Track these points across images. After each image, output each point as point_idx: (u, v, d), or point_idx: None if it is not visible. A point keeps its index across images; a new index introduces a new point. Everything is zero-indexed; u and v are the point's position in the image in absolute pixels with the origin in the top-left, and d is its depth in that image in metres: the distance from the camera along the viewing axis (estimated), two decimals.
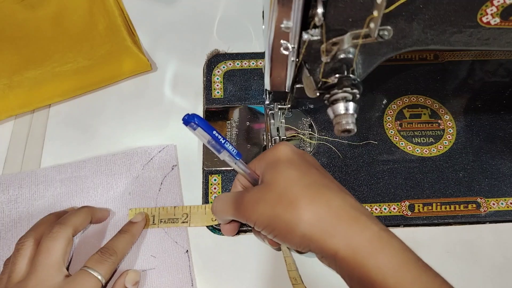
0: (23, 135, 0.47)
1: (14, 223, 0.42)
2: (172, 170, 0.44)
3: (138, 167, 0.44)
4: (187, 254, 0.41)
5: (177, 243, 0.41)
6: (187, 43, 0.52)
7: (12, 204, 0.42)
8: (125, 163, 0.44)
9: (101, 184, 0.43)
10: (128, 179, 0.44)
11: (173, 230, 0.41)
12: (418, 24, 0.30)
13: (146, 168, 0.44)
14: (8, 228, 0.41)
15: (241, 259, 0.41)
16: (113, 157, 0.45)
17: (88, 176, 0.44)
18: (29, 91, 0.47)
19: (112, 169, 0.44)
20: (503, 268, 0.41)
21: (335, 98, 0.31)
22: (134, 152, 0.45)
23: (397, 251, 0.29)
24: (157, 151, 0.45)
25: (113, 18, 0.51)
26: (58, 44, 0.50)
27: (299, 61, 0.32)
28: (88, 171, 0.44)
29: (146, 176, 0.44)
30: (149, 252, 0.40)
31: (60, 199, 0.43)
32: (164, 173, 0.44)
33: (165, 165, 0.44)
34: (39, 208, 0.42)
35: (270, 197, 0.31)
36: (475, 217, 0.42)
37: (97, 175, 0.44)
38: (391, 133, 0.46)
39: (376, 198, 0.43)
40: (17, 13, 0.52)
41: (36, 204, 0.42)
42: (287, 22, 0.28)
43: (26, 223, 0.41)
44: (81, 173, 0.44)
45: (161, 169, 0.44)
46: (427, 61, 0.51)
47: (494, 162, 0.45)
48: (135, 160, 0.44)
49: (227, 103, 0.48)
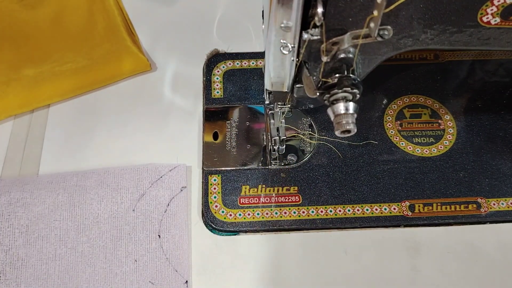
0: (22, 135, 0.47)
1: (12, 229, 0.40)
2: (181, 191, 0.42)
3: (146, 184, 0.42)
4: (186, 285, 0.39)
5: (177, 271, 0.40)
6: (187, 43, 0.52)
7: (12, 207, 0.41)
8: (133, 178, 0.43)
9: (106, 197, 0.42)
10: (134, 195, 0.42)
11: (175, 257, 0.40)
12: (418, 24, 0.30)
13: (154, 186, 0.42)
14: (5, 233, 0.40)
15: (240, 259, 0.41)
16: (122, 171, 0.43)
17: (93, 187, 0.42)
18: (29, 91, 0.47)
19: (120, 183, 0.42)
20: (504, 268, 0.41)
21: (335, 98, 0.31)
22: (144, 168, 0.43)
23: None
24: (167, 170, 0.43)
25: (113, 17, 0.51)
26: (57, 44, 0.50)
27: (299, 61, 0.32)
28: (94, 182, 0.42)
29: (153, 195, 0.42)
30: (147, 278, 0.39)
31: (60, 208, 0.41)
32: (172, 194, 0.42)
33: (174, 186, 0.43)
34: (38, 215, 0.41)
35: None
36: (475, 217, 0.42)
37: (103, 187, 0.42)
38: (391, 133, 0.46)
39: (376, 198, 0.43)
40: (17, 12, 0.52)
41: (35, 210, 0.41)
42: (287, 21, 0.28)
43: (24, 229, 0.40)
44: (87, 183, 0.42)
45: (169, 189, 0.42)
46: (427, 61, 0.51)
47: (495, 162, 0.45)
48: (144, 176, 0.43)
49: (227, 103, 0.48)
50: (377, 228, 0.42)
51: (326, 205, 0.43)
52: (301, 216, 0.42)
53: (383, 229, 0.42)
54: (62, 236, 0.41)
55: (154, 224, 0.41)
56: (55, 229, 0.41)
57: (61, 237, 0.41)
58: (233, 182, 0.44)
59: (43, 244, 0.40)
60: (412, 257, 0.41)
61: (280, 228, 0.42)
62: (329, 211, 0.42)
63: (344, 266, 0.41)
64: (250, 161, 0.45)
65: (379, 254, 0.41)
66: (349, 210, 0.42)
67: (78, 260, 0.40)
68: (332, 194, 0.43)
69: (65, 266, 0.40)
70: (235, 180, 0.44)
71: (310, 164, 0.45)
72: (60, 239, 0.41)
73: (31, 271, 0.40)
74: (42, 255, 0.40)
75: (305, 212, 0.42)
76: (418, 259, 0.41)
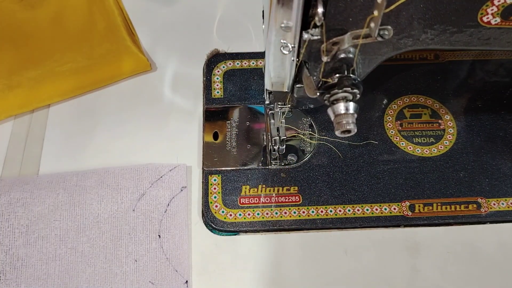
0: (22, 135, 0.47)
1: (12, 229, 0.40)
2: (181, 191, 0.42)
3: (146, 184, 0.42)
4: (186, 285, 0.39)
5: (177, 271, 0.39)
6: (187, 43, 0.52)
7: (12, 207, 0.41)
8: (133, 178, 0.43)
9: (106, 197, 0.42)
10: (134, 195, 0.42)
11: (175, 257, 0.40)
12: (418, 24, 0.30)
13: (154, 186, 0.42)
14: (5, 233, 0.40)
15: (240, 259, 0.41)
16: (122, 171, 0.43)
17: (93, 187, 0.42)
18: (29, 91, 0.47)
19: (120, 183, 0.42)
20: (504, 268, 0.41)
21: (335, 98, 0.31)
22: (144, 168, 0.43)
23: None
24: (168, 170, 0.43)
25: (113, 17, 0.51)
26: (57, 44, 0.50)
27: (299, 61, 0.32)
28: (94, 182, 0.42)
29: (153, 195, 0.42)
30: (148, 278, 0.39)
31: (60, 208, 0.41)
32: (172, 194, 0.42)
33: (174, 186, 0.43)
34: (38, 215, 0.41)
35: None
36: (475, 217, 0.42)
37: (103, 187, 0.42)
38: (391, 133, 0.46)
39: (376, 198, 0.43)
40: (17, 12, 0.52)
41: (35, 210, 0.41)
42: (287, 21, 0.28)
43: (24, 229, 0.40)
44: (87, 183, 0.42)
45: (169, 189, 0.42)
46: (427, 60, 0.50)
47: (495, 162, 0.45)
48: (144, 176, 0.43)
49: (227, 103, 0.48)
50: (377, 228, 0.42)
51: (326, 205, 0.43)
52: (301, 216, 0.42)
53: (383, 229, 0.42)
54: (62, 236, 0.41)
55: (154, 224, 0.41)
56: (55, 229, 0.41)
57: (61, 237, 0.41)
58: (233, 182, 0.44)
59: (43, 244, 0.40)
60: (412, 257, 0.41)
61: (280, 228, 0.42)
62: (329, 211, 0.42)
63: (344, 266, 0.41)
64: (250, 161, 0.45)
65: (379, 254, 0.41)
66: (349, 210, 0.42)
67: (78, 260, 0.40)
68: (332, 194, 0.43)
69: (65, 266, 0.40)
70: (235, 180, 0.44)
71: (310, 164, 0.45)
72: (60, 239, 0.41)
73: (31, 271, 0.39)
74: (42, 255, 0.40)
75: (305, 212, 0.42)
76: (418, 259, 0.41)
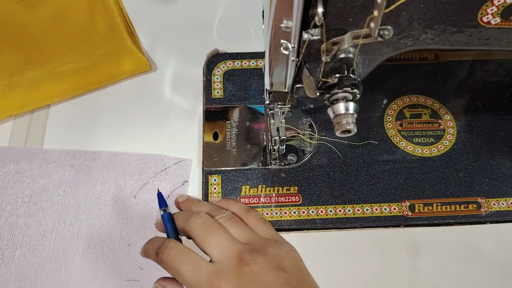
0: (22, 135, 0.47)
1: (15, 197, 0.42)
2: (183, 185, 0.43)
3: (151, 173, 0.43)
4: None
5: None
6: (187, 43, 0.52)
7: (19, 176, 0.42)
8: (138, 166, 0.44)
9: (110, 180, 0.43)
10: (138, 183, 0.43)
11: None
12: (418, 24, 0.30)
13: (158, 176, 0.43)
14: (8, 200, 0.41)
15: None
16: (129, 157, 0.44)
17: (99, 169, 0.43)
18: (29, 91, 0.47)
19: (125, 168, 0.43)
20: (504, 268, 0.41)
21: (335, 98, 0.31)
22: (150, 158, 0.44)
23: None
24: (173, 163, 0.44)
25: (113, 18, 0.51)
26: (57, 44, 0.50)
27: (299, 61, 0.32)
28: (101, 163, 0.43)
29: (156, 185, 0.43)
30: (137, 263, 0.40)
31: (64, 184, 0.42)
32: (174, 187, 0.43)
33: (177, 179, 0.43)
34: (43, 187, 0.42)
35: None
36: (475, 217, 0.42)
37: (109, 170, 0.43)
38: (391, 133, 0.46)
39: (376, 198, 0.43)
40: (17, 13, 0.52)
41: (41, 183, 0.42)
42: (287, 21, 0.28)
43: (27, 199, 0.41)
44: (94, 163, 0.44)
45: (171, 181, 0.43)
46: (427, 61, 0.50)
47: (495, 162, 0.45)
48: (149, 165, 0.44)
49: (227, 103, 0.48)
50: (377, 228, 0.42)
51: (326, 205, 0.43)
52: (301, 216, 0.42)
53: (383, 229, 0.42)
54: (62, 211, 0.42)
55: (152, 213, 0.42)
56: (57, 203, 0.42)
57: (61, 212, 0.41)
58: (233, 182, 0.44)
59: (43, 216, 0.41)
60: (412, 257, 0.41)
61: (280, 228, 0.42)
62: (329, 211, 0.42)
63: (344, 266, 0.41)
64: (250, 161, 0.45)
65: (379, 254, 0.41)
66: (349, 210, 0.42)
67: (74, 237, 0.41)
68: (332, 194, 0.43)
69: (61, 241, 0.40)
70: (235, 180, 0.44)
71: (310, 164, 0.45)
72: (60, 214, 0.41)
73: (28, 240, 0.40)
74: (40, 226, 0.41)
75: (305, 212, 0.42)
76: (418, 259, 0.41)
